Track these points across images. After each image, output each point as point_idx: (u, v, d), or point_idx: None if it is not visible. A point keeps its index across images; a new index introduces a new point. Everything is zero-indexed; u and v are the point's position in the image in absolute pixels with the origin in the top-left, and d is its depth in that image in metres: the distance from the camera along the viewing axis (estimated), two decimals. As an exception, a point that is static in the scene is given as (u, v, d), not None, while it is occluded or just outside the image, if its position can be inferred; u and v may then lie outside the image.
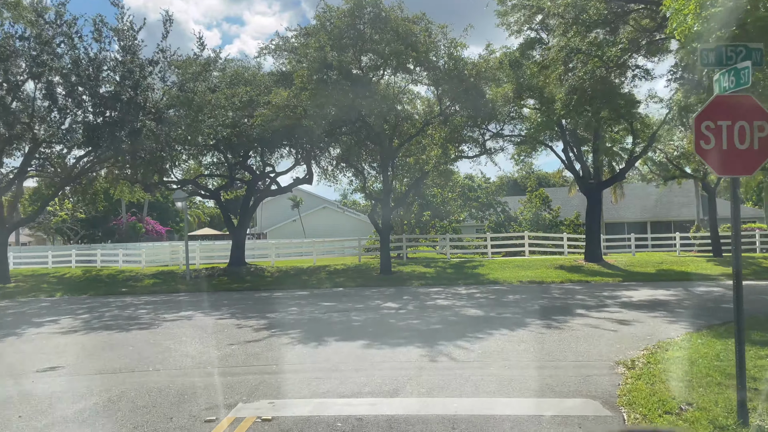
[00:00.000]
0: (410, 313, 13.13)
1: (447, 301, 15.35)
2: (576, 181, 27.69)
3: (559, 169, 42.42)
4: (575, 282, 20.38)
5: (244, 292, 20.32)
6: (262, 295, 18.59)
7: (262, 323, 12.21)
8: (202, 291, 21.14)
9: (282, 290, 20.37)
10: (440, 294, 17.34)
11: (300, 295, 18.36)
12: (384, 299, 16.26)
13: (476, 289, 18.52)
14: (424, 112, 23.06)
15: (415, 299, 16.08)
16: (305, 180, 26.92)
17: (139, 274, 27.35)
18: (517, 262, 26.50)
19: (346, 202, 41.53)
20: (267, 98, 20.74)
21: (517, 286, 19.63)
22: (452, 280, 21.52)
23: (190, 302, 17.36)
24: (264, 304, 16.10)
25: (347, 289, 20.01)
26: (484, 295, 16.65)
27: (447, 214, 39.66)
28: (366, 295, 17.49)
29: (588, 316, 12.19)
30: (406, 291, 18.69)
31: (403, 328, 11.02)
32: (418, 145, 24.34)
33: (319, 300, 16.58)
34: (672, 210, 45.03)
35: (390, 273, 23.65)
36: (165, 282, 24.13)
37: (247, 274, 25.55)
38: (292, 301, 16.39)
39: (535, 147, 27.97)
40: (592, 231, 25.95)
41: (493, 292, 17.66)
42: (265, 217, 61.87)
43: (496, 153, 24.50)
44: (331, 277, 23.46)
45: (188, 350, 9.43)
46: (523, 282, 20.59)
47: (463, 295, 16.80)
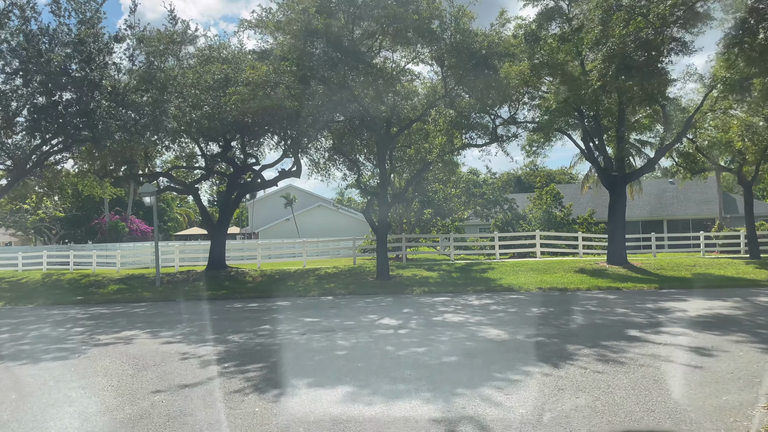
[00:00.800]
0: (413, 336, 10.14)
1: (458, 316, 12.36)
2: (597, 174, 24.75)
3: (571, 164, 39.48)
4: (604, 289, 17.42)
5: (216, 301, 17.32)
6: (235, 306, 15.59)
7: (218, 351, 9.21)
8: (169, 300, 18.15)
9: (261, 299, 17.39)
10: (448, 305, 14.35)
11: (280, 306, 15.36)
12: (380, 313, 13.28)
13: (490, 299, 15.54)
14: (426, 93, 20.02)
15: (418, 313, 13.09)
16: (292, 173, 23.92)
17: (106, 278, 24.33)
18: (530, 265, 23.54)
19: (341, 200, 38.54)
20: (245, 77, 17.71)
21: (538, 294, 16.65)
22: (459, 286, 18.55)
23: (145, 316, 14.36)
24: (232, 319, 13.09)
25: (337, 298, 17.02)
26: (501, 307, 13.66)
27: (449, 212, 36.70)
28: (359, 307, 14.50)
29: (647, 340, 9.21)
30: (407, 301, 15.71)
31: (405, 363, 8.02)
32: (420, 132, 21.35)
33: (301, 313, 13.59)
34: (689, 207, 42.10)
35: (388, 278, 20.68)
36: (131, 288, 21.14)
37: (227, 278, 22.57)
38: (268, 316, 13.39)
39: (549, 136, 25.03)
40: (615, 230, 22.98)
41: (512, 302, 14.67)
42: (256, 215, 58.91)
43: (508, 141, 21.49)
44: (320, 283, 20.48)
45: (86, 405, 6.42)
46: (543, 289, 17.62)
47: (476, 308, 13.81)
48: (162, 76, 17.40)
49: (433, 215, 35.74)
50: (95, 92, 17.51)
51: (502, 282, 19.31)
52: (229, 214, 24.90)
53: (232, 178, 24.66)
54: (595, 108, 21.28)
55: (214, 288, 20.14)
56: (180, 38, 19.25)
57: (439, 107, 20.72)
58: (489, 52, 17.68)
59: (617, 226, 22.93)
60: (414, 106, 19.89)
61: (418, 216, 35.94)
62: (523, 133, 22.17)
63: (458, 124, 20.42)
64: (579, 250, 28.96)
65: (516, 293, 16.95)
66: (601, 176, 23.64)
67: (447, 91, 19.58)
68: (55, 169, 24.92)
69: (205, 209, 25.12)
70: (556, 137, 26.13)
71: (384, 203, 21.06)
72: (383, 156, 20.71)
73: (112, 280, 23.85)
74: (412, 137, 22.67)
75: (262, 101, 17.43)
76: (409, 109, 20.22)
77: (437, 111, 21.07)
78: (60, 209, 49.56)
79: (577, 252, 29.23)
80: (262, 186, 26.09)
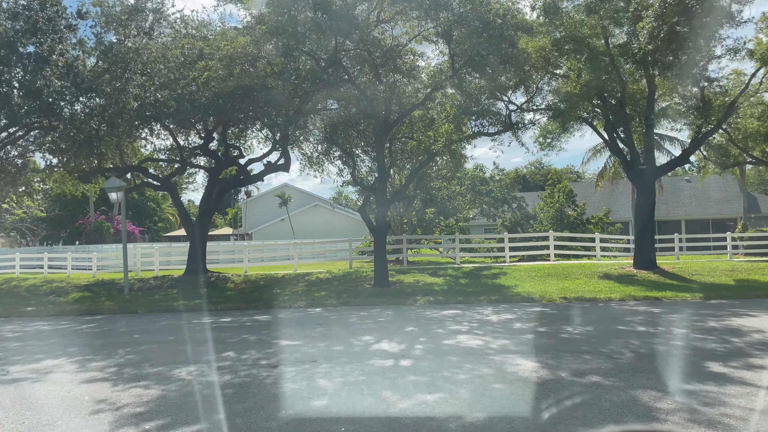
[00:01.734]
0: (419, 371, 7.55)
1: (474, 338, 9.76)
2: (623, 168, 22.14)
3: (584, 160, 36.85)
4: (641, 300, 14.83)
5: (184, 314, 14.71)
6: (203, 322, 12.98)
7: (148, 398, 6.61)
8: (131, 311, 15.57)
9: (238, 311, 14.79)
10: (460, 321, 11.74)
11: (257, 321, 12.76)
12: (377, 333, 10.67)
13: (509, 312, 12.93)
14: (432, 73, 17.41)
15: (423, 333, 10.48)
16: (280, 166, 21.32)
17: (72, 285, 21.74)
18: (546, 269, 20.97)
19: (338, 198, 35.98)
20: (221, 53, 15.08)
21: (564, 306, 14.06)
22: (470, 295, 15.96)
23: (89, 335, 11.77)
24: (193, 340, 10.50)
25: (327, 311, 14.42)
26: (526, 325, 11.06)
27: (453, 211, 34.10)
28: (351, 324, 11.90)
29: (743, 381, 6.64)
30: (410, 314, 13.10)
31: (411, 426, 5.43)
32: (423, 121, 18.75)
33: (280, 332, 11.00)
34: (709, 206, 39.52)
35: (387, 284, 18.10)
36: (94, 297, 18.55)
37: (205, 285, 19.97)
38: (237, 336, 10.78)
39: (567, 126, 22.45)
40: (643, 230, 20.37)
41: (537, 317, 12.07)
42: (251, 216, 56.38)
43: (524, 129, 18.89)
44: (309, 291, 17.89)
45: None
46: (568, 299, 15.04)
47: (495, 325, 11.21)
48: (122, 49, 14.79)
49: (436, 215, 33.13)
50: (45, 69, 14.92)
51: (518, 290, 16.74)
52: (209, 213, 22.29)
53: (214, 173, 22.06)
54: (621, 92, 18.72)
55: (187, 297, 17.54)
56: (147, 7, 16.57)
57: (445, 90, 18.13)
58: (505, 22, 15.10)
59: (646, 226, 20.33)
60: (417, 89, 17.29)
61: (420, 216, 33.34)
62: (541, 119, 19.57)
63: (467, 110, 17.82)
64: (596, 252, 26.36)
65: (538, 304, 14.35)
66: (627, 170, 21.04)
67: (455, 71, 16.99)
68: (15, 163, 22.40)
69: (182, 207, 22.53)
70: (573, 128, 23.60)
71: (382, 200, 18.47)
72: (381, 146, 18.11)
73: (77, 286, 21.25)
74: (415, 127, 20.05)
75: (239, 79, 14.84)
76: (412, 92, 17.63)
77: (443, 95, 18.48)
78: (41, 209, 46.95)
79: (594, 254, 26.64)
80: (246, 181, 23.49)
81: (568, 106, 17.91)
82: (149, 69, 15.37)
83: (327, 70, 15.42)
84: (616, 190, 39.16)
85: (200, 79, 14.76)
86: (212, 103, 15.84)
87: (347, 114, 19.94)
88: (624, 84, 20.20)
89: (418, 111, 19.36)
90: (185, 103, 15.52)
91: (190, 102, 15.51)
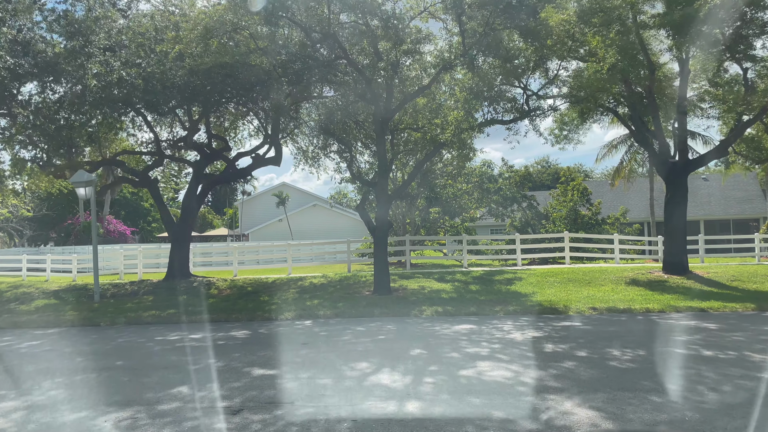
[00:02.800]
0: (433, 427, 5.45)
1: (499, 367, 7.65)
2: (651, 161, 20.10)
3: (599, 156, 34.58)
4: (684, 311, 12.73)
5: (150, 328, 12.64)
6: (169, 339, 10.88)
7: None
8: (93, 324, 13.50)
9: (214, 324, 12.70)
10: (477, 341, 9.63)
11: (231, 339, 10.66)
12: (374, 357, 8.55)
13: (534, 327, 10.82)
14: (439, 52, 15.31)
15: (434, 359, 8.36)
16: (269, 159, 19.25)
17: (40, 290, 19.70)
18: (565, 274, 18.88)
19: (336, 196, 33.90)
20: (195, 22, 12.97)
21: (597, 319, 11.95)
22: (484, 305, 13.87)
23: (25, 356, 9.65)
24: (145, 367, 8.41)
25: (318, 324, 12.32)
26: (560, 347, 8.94)
27: (459, 211, 31.98)
28: (344, 344, 9.79)
29: None
30: (415, 330, 11.00)
31: None
32: (429, 109, 16.65)
33: (254, 357, 8.89)
34: (730, 206, 37.35)
35: (388, 291, 16.02)
36: (58, 306, 16.50)
37: (186, 291, 17.90)
38: (203, 360, 8.67)
39: (586, 116, 20.39)
40: (674, 231, 18.26)
41: (569, 335, 9.96)
42: (248, 216, 54.37)
43: (544, 115, 16.79)
44: (301, 299, 15.80)
45: None
46: (598, 310, 12.95)
47: (521, 347, 9.10)
48: (80, 18, 12.72)
49: (442, 214, 31.02)
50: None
51: (538, 298, 14.64)
52: (193, 211, 20.19)
53: (198, 167, 19.97)
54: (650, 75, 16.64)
55: (161, 306, 15.47)
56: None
57: (453, 73, 16.05)
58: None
59: (677, 226, 18.21)
60: (423, 69, 15.20)
61: (423, 215, 31.24)
62: (561, 105, 17.48)
63: (479, 94, 15.73)
64: (615, 255, 24.27)
65: (566, 317, 12.25)
66: (656, 164, 18.92)
67: (465, 49, 14.90)
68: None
69: (163, 204, 20.42)
70: (592, 118, 21.52)
71: (383, 196, 16.38)
72: (382, 136, 16.02)
73: (46, 292, 19.21)
74: (420, 115, 17.95)
75: (218, 56, 12.75)
76: (416, 78, 15.55)
77: (452, 78, 16.39)
78: (28, 208, 44.90)
79: (612, 257, 24.56)
80: (234, 176, 21.38)
81: (594, 89, 15.78)
82: (113, 42, 13.30)
83: (320, 47, 13.33)
84: (631, 188, 37.05)
85: (171, 53, 12.69)
86: (187, 84, 13.74)
87: (345, 101, 17.90)
88: (653, 67, 18.13)
89: (422, 98, 17.31)
90: (155, 82, 13.42)
91: (160, 82, 13.41)
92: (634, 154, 32.52)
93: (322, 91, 18.59)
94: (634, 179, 33.70)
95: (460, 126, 15.50)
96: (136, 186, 23.14)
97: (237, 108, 17.63)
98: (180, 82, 13.60)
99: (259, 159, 19.23)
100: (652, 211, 32.14)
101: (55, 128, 18.22)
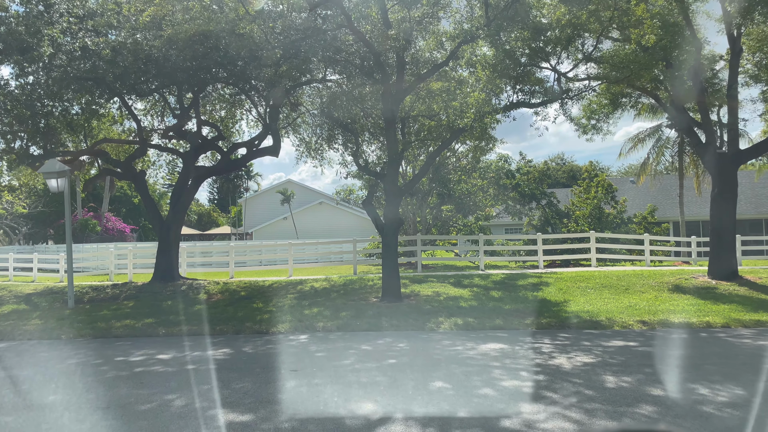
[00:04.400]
0: None
1: (554, 413, 5.59)
2: (696, 152, 17.95)
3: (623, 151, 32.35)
4: (752, 326, 10.68)
5: (117, 343, 10.68)
6: (129, 361, 8.88)
7: None
8: (54, 336, 11.56)
9: (189, 340, 10.70)
10: (513, 368, 7.58)
11: (202, 364, 8.64)
12: (383, 395, 6.52)
13: (579, 348, 8.76)
14: (461, 19, 13.24)
15: (463, 397, 6.31)
16: (267, 149, 17.27)
17: (13, 293, 17.88)
18: (596, 279, 16.82)
19: (341, 191, 31.96)
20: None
21: (652, 337, 9.86)
22: (510, 316, 11.83)
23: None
24: (73, 409, 6.44)
25: (316, 339, 10.30)
26: (625, 380, 6.86)
27: (474, 209, 29.91)
28: (344, 370, 7.76)
29: None
30: (433, 351, 8.96)
31: None
32: (448, 87, 14.60)
33: (227, 390, 6.90)
34: (762, 204, 35.04)
35: (398, 298, 14.01)
36: (26, 312, 14.62)
37: (171, 296, 15.97)
38: (156, 397, 6.66)
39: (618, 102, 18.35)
40: (723, 231, 16.13)
41: (628, 360, 7.89)
42: (251, 214, 52.51)
43: (578, 97, 14.70)
44: (299, 306, 13.82)
45: None
46: (649, 324, 10.88)
47: (573, 378, 7.04)
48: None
49: (455, 212, 28.96)
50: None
51: (572, 308, 12.58)
52: (183, 207, 18.22)
53: (188, 158, 18.01)
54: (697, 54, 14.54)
55: (139, 314, 13.52)
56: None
57: (474, 48, 14.00)
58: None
59: (725, 225, 16.08)
60: (439, 41, 13.15)
61: (435, 213, 29.20)
62: (596, 86, 15.38)
63: (504, 72, 13.66)
64: (646, 257, 22.15)
65: (613, 334, 10.16)
66: (702, 155, 16.76)
67: (489, 19, 12.86)
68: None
69: (150, 199, 18.46)
70: (625, 105, 19.48)
71: (393, 190, 14.35)
72: (392, 121, 13.97)
73: (18, 296, 17.35)
74: (436, 99, 15.88)
75: (199, 22, 10.75)
76: (430, 52, 13.50)
77: (472, 54, 14.33)
78: (23, 205, 43.21)
79: (641, 259, 22.46)
80: (228, 168, 19.45)
81: (636, 67, 13.66)
82: (80, 8, 11.35)
83: (320, 12, 11.31)
84: (660, 186, 34.81)
85: (142, 17, 10.72)
86: (166, 58, 11.75)
87: (350, 85, 15.93)
88: (700, 45, 16.03)
89: (437, 82, 15.28)
90: (125, 53, 11.43)
91: (132, 53, 11.41)
92: (661, 148, 30.29)
93: (325, 74, 16.63)
94: (661, 176, 31.43)
95: (482, 109, 13.44)
96: (120, 179, 21.31)
97: (228, 87, 15.61)
98: (157, 54, 11.61)
99: (251, 148, 17.26)
100: (681, 210, 29.91)
101: (30, 114, 16.41)
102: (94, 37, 11.24)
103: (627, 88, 16.79)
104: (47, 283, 22.00)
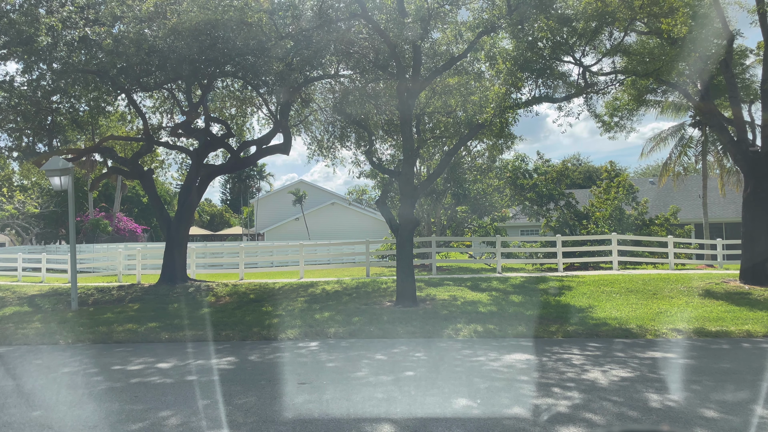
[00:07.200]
0: None
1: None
2: (727, 149, 17.14)
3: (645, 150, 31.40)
4: (800, 336, 9.83)
5: (116, 350, 10.11)
6: (125, 371, 8.28)
7: None
8: (51, 342, 11.02)
9: (192, 347, 10.09)
10: (545, 384, 6.87)
11: (204, 375, 8.02)
12: (400, 418, 5.87)
13: (613, 359, 8.03)
14: (480, 8, 12.54)
15: (490, 420, 5.65)
16: (277, 147, 16.68)
17: (16, 294, 17.44)
18: (621, 282, 16.08)
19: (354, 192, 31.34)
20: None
21: (690, 346, 9.11)
22: (532, 322, 11.12)
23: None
24: (56, 424, 5.83)
25: (326, 347, 9.65)
26: (670, 399, 6.14)
27: (490, 209, 29.18)
28: (357, 384, 7.09)
29: None
30: (453, 361, 8.27)
31: None
32: (466, 80, 13.92)
33: (228, 406, 6.26)
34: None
35: (413, 302, 13.34)
36: (28, 314, 14.13)
37: (178, 299, 15.42)
38: (150, 416, 6.03)
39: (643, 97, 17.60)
40: (757, 233, 15.28)
41: (670, 376, 7.16)
42: (263, 214, 52.04)
43: (604, 92, 13.94)
44: (309, 310, 13.19)
45: None
46: (684, 333, 10.12)
47: (612, 396, 6.31)
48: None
49: (470, 213, 28.24)
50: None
51: (599, 314, 11.84)
52: (191, 206, 17.68)
53: (197, 156, 17.47)
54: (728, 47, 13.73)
55: (143, 317, 12.96)
56: None
57: (495, 38, 13.30)
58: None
59: (760, 227, 15.22)
60: (457, 32, 12.47)
61: (450, 214, 28.50)
62: (621, 81, 14.61)
63: (526, 65, 12.95)
64: (670, 260, 21.27)
65: (647, 344, 9.41)
66: (733, 152, 15.90)
67: (511, 8, 12.16)
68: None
69: (157, 198, 17.94)
70: (651, 101, 18.73)
71: (408, 189, 13.68)
72: (408, 115, 13.30)
73: (22, 297, 16.90)
74: (451, 96, 15.19)
75: (206, 10, 10.16)
76: (450, 38, 12.82)
77: (492, 46, 13.62)
78: (34, 204, 43.06)
79: (665, 261, 21.62)
80: (237, 166, 18.90)
81: (666, 59, 12.90)
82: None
83: (332, 1, 10.68)
84: (679, 187, 33.80)
85: (145, 5, 10.15)
86: (171, 50, 11.17)
87: (363, 79, 15.32)
88: (732, 36, 15.23)
89: (455, 77, 14.59)
90: (127, 42, 10.86)
91: (134, 43, 10.83)
92: (684, 147, 29.33)
93: (338, 69, 16.02)
94: (683, 176, 30.46)
95: (503, 104, 12.74)
96: (127, 177, 20.80)
97: (237, 82, 15.02)
98: (161, 45, 11.04)
99: (260, 145, 16.66)
100: (705, 211, 28.93)
101: (35, 111, 15.98)
102: (96, 27, 10.69)
103: (653, 83, 16.00)
104: (54, 284, 21.61)
